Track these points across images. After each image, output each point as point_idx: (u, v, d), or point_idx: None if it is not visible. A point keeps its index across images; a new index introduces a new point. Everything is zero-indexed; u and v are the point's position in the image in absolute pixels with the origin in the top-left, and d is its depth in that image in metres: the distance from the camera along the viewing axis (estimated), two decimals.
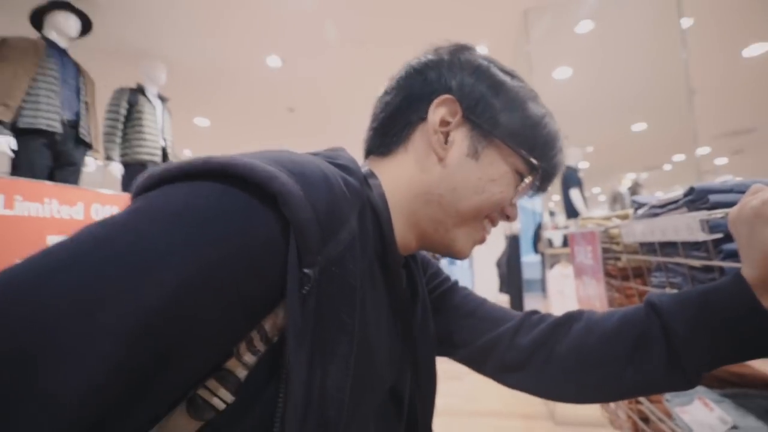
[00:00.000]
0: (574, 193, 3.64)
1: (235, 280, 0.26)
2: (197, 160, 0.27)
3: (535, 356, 0.47)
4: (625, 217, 0.90)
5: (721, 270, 0.44)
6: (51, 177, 2.11)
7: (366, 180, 0.39)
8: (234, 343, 0.28)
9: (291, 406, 0.27)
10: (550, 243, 3.02)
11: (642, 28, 2.87)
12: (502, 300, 4.80)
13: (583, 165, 4.19)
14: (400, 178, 0.41)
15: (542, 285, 3.17)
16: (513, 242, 4.33)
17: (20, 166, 2.02)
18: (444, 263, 9.08)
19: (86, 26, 2.31)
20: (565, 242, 2.77)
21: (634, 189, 4.78)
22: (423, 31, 3.01)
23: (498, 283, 5.11)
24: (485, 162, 0.40)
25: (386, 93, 0.44)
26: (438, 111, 0.40)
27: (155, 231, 0.24)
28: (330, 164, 0.34)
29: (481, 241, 0.43)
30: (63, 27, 2.18)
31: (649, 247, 0.62)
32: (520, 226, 4.20)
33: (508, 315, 0.51)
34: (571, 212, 3.56)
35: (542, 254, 3.09)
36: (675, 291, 0.56)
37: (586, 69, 3.34)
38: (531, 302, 3.88)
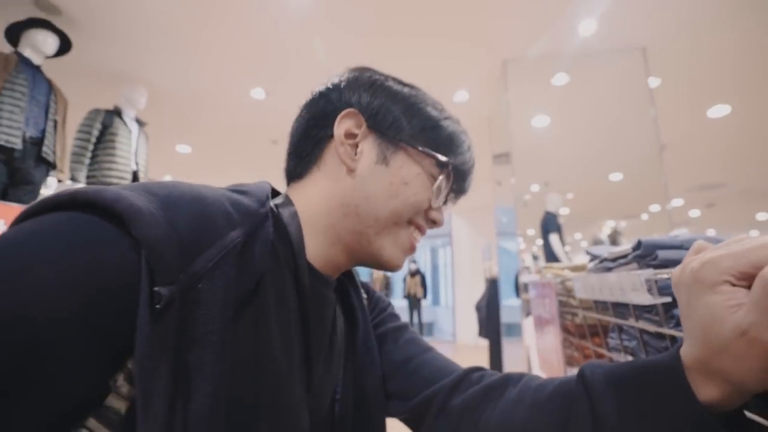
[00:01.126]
0: (554, 239, 3.64)
1: (83, 304, 0.24)
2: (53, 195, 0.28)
3: (462, 426, 0.41)
4: (582, 269, 0.84)
5: (673, 338, 0.38)
6: (4, 195, 1.99)
7: (275, 204, 0.40)
8: (105, 376, 0.26)
9: None
10: (526, 288, 2.97)
11: (614, 84, 3.01)
12: (482, 345, 4.65)
13: (563, 211, 4.23)
14: (315, 195, 0.41)
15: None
16: (492, 285, 4.26)
17: None
18: (428, 303, 8.82)
19: (65, 46, 2.29)
20: None
21: (613, 237, 4.83)
22: (406, 78, 3.09)
23: (478, 326, 4.98)
24: (395, 166, 0.40)
25: (296, 119, 0.46)
26: (342, 124, 0.41)
27: None
28: (226, 190, 0.35)
29: (411, 248, 0.43)
30: (40, 45, 2.15)
31: (603, 305, 0.56)
32: (498, 269, 4.15)
33: (448, 369, 0.46)
34: (551, 257, 3.55)
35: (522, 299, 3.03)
36: (628, 357, 0.50)
37: (563, 119, 3.46)
38: (510, 348, 3.76)
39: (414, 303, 7.38)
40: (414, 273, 7.54)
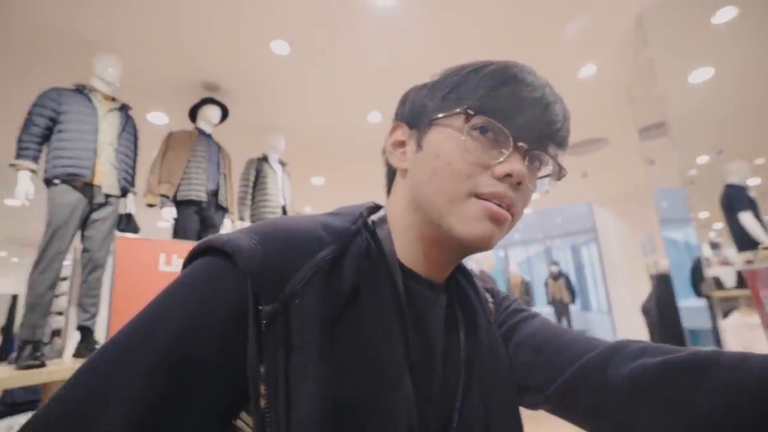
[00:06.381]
0: (746, 217, 2.85)
1: (219, 325, 0.32)
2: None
3: (647, 411, 0.34)
4: None
5: None
6: (198, 238, 2.53)
7: (368, 219, 0.44)
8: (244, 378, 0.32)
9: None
10: (718, 283, 2.35)
11: None
12: None
13: (753, 181, 3.29)
14: (395, 203, 0.46)
15: (714, 337, 2.45)
16: (661, 283, 3.54)
17: (178, 231, 2.49)
18: (576, 308, 7.79)
19: (225, 114, 2.85)
20: (741, 281, 2.12)
21: None
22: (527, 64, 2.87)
23: (647, 333, 4.18)
24: (427, 147, 0.41)
25: None
26: (390, 138, 0.46)
27: (163, 302, 0.33)
28: (321, 215, 0.41)
29: (487, 215, 0.38)
30: (209, 117, 2.73)
31: None
32: (669, 262, 3.43)
33: (591, 344, 0.41)
34: (745, 242, 2.77)
35: (708, 298, 2.42)
36: None
37: (735, 65, 2.72)
38: None
39: (561, 309, 6.64)
40: (556, 276, 6.81)
